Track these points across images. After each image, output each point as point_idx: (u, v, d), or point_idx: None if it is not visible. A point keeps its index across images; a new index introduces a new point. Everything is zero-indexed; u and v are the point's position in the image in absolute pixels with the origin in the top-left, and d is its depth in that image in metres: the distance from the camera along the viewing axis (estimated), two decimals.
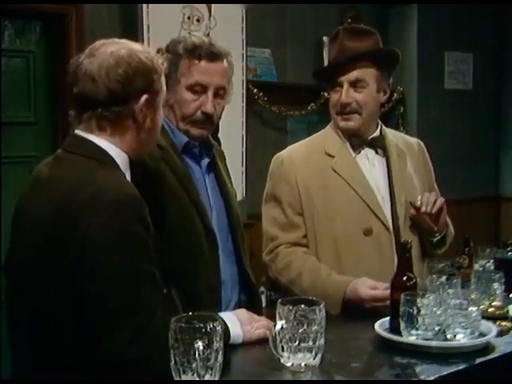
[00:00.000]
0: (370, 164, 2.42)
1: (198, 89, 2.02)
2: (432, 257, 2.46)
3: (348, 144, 2.41)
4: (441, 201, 2.32)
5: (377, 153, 2.44)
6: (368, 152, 2.43)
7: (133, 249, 1.54)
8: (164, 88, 1.75)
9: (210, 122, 2.07)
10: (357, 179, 2.37)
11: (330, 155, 2.40)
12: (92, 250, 1.50)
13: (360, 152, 2.42)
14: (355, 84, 2.32)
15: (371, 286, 2.12)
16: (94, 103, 1.62)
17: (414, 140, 2.63)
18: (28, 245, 1.61)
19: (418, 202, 2.31)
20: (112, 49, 1.64)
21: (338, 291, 2.17)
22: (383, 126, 2.49)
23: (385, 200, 2.39)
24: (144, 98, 1.65)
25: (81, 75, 1.63)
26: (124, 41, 1.71)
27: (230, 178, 2.26)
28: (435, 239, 2.41)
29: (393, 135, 2.52)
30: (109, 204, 1.52)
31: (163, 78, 1.73)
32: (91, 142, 1.64)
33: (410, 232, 2.38)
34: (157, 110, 1.72)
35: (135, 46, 1.69)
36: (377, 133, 2.44)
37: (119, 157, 1.67)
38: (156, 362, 1.49)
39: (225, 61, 2.06)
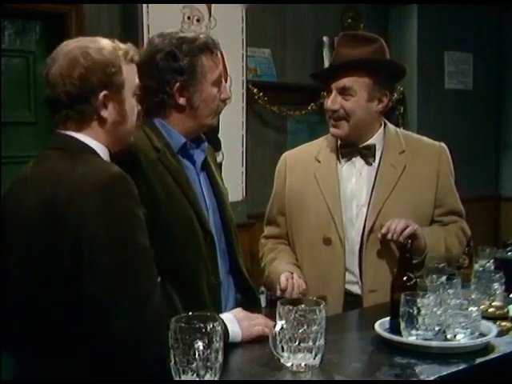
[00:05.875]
0: (356, 173, 2.38)
1: (220, 80, 2.06)
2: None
3: (339, 150, 2.40)
4: (411, 229, 2.18)
5: (367, 162, 2.37)
6: (357, 161, 2.38)
7: (129, 223, 1.56)
8: (132, 77, 1.74)
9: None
10: (330, 189, 2.36)
11: (318, 161, 2.43)
12: (88, 234, 1.50)
13: (350, 159, 2.39)
14: (343, 91, 2.30)
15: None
16: (57, 106, 1.70)
17: (433, 146, 2.47)
18: (20, 244, 1.61)
19: (384, 229, 2.20)
20: (68, 49, 1.68)
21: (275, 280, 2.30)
22: (391, 131, 2.41)
23: (362, 211, 2.35)
24: (103, 93, 1.67)
25: (44, 81, 1.71)
26: (85, 38, 1.73)
27: (220, 176, 2.26)
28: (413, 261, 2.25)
29: (406, 140, 2.42)
30: (97, 185, 1.54)
31: (129, 68, 1.73)
32: (70, 136, 1.68)
33: (371, 249, 2.29)
34: (124, 103, 1.72)
35: (93, 42, 1.70)
36: (372, 140, 2.37)
37: (99, 148, 1.70)
38: (157, 336, 1.48)
39: None
